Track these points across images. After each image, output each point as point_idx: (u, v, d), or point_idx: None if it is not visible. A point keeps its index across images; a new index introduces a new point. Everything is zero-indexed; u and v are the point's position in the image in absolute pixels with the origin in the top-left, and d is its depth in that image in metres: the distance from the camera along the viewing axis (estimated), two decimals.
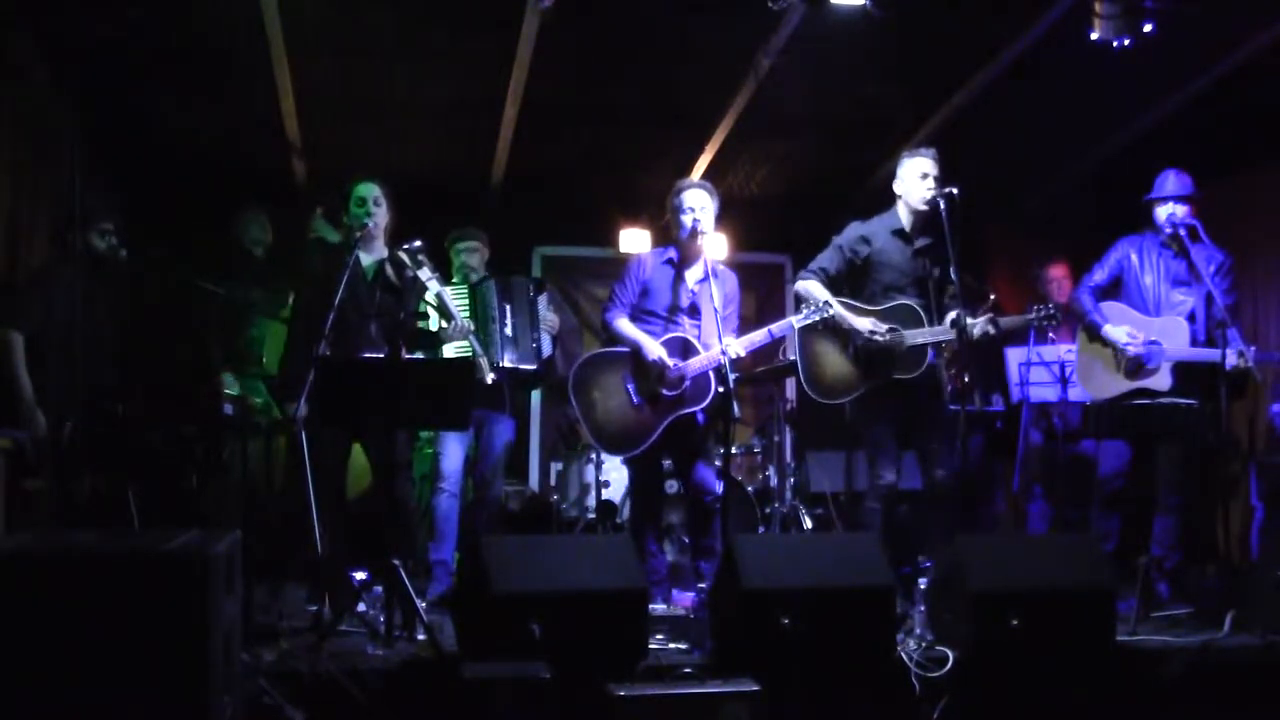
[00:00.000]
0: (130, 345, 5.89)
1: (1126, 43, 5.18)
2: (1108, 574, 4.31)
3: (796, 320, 4.98)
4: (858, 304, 5.04)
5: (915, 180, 5.00)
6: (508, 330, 5.43)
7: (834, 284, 5.07)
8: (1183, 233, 5.14)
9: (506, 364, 5.36)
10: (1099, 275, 5.37)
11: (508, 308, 5.49)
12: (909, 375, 4.93)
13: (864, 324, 4.95)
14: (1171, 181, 5.26)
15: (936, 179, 4.96)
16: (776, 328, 5.04)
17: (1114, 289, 5.38)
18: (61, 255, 4.79)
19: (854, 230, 5.13)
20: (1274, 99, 5.97)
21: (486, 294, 5.47)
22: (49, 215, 5.46)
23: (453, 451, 5.39)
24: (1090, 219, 6.91)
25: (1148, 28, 5.13)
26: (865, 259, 5.07)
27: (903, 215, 5.07)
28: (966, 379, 5.88)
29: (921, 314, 4.96)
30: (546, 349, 5.60)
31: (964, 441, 5.24)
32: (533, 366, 5.49)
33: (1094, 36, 5.15)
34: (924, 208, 4.95)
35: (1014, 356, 6.31)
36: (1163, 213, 5.23)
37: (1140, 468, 5.31)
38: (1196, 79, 5.99)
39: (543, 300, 5.63)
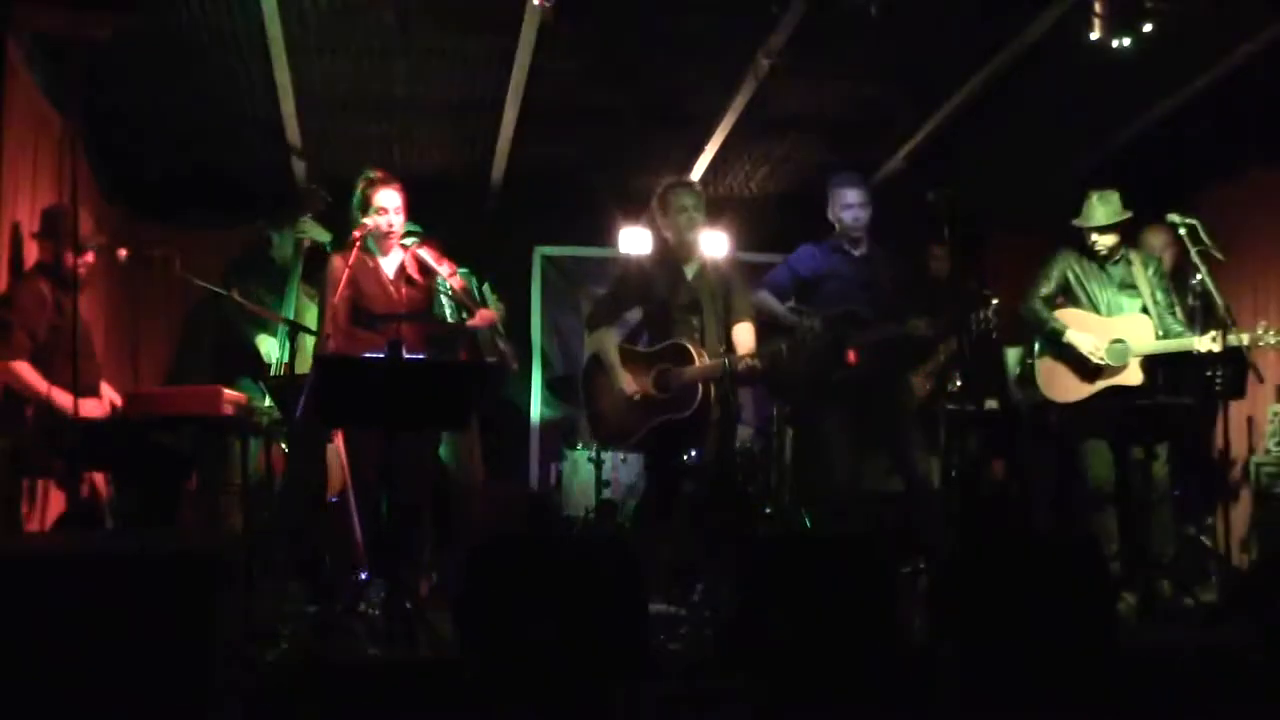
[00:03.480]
0: (132, 345, 5.91)
1: (1126, 43, 5.19)
2: (1108, 574, 4.31)
3: None
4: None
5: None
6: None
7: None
8: (1183, 232, 5.20)
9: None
10: (1045, 288, 5.47)
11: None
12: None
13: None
14: (1098, 212, 5.38)
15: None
16: None
17: (1062, 298, 5.50)
18: (46, 264, 4.79)
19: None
20: (1274, 99, 5.98)
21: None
22: (45, 217, 5.47)
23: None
24: None
25: (1148, 28, 5.14)
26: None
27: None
28: (958, 381, 5.94)
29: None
30: (500, 341, 5.68)
31: (963, 441, 5.29)
32: (493, 359, 5.57)
33: (1094, 36, 5.16)
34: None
35: (1013, 356, 6.31)
36: (1092, 239, 5.40)
37: (1131, 467, 5.33)
38: (1196, 79, 5.99)
39: (486, 290, 5.69)
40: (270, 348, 5.67)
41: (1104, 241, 5.38)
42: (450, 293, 5.07)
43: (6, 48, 4.86)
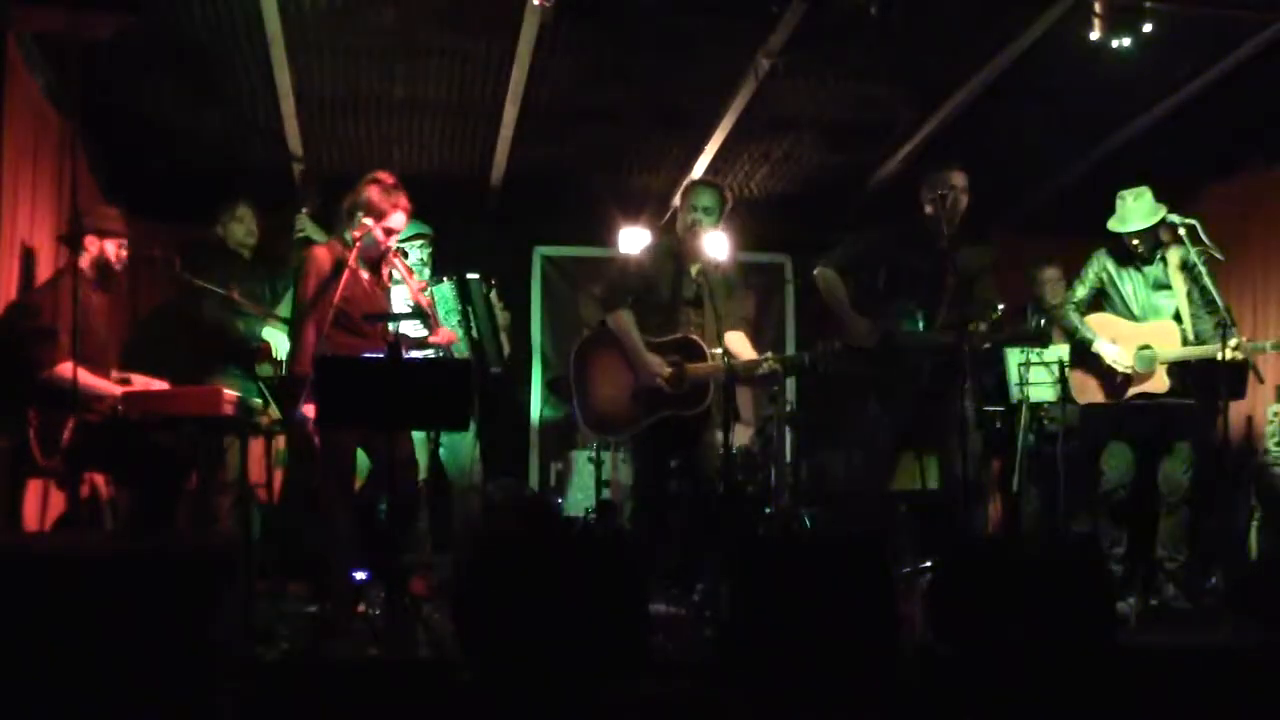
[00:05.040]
0: (133, 345, 5.91)
1: (1126, 43, 5.20)
2: (1107, 574, 4.32)
3: None
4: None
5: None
6: (474, 333, 5.45)
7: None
8: (1183, 232, 5.19)
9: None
10: (1080, 291, 5.48)
11: (470, 310, 5.49)
12: None
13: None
14: (1134, 214, 5.31)
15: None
16: None
17: (1097, 302, 5.49)
18: (74, 265, 4.81)
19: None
20: (1274, 99, 5.98)
21: (446, 296, 5.47)
22: (48, 217, 5.47)
23: (421, 460, 5.44)
24: (1090, 219, 6.91)
25: (1148, 28, 5.14)
26: None
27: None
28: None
29: None
30: (506, 348, 5.67)
31: (964, 441, 5.27)
32: (498, 369, 5.55)
33: (1094, 36, 5.17)
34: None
35: (1013, 357, 6.29)
36: (1133, 241, 5.33)
37: (1143, 472, 5.33)
38: (1195, 79, 5.99)
39: (493, 296, 5.68)
40: (280, 342, 5.66)
41: (1136, 243, 5.34)
42: (413, 306, 5.04)
43: (6, 48, 4.87)
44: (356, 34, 5.50)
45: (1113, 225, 5.37)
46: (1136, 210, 5.30)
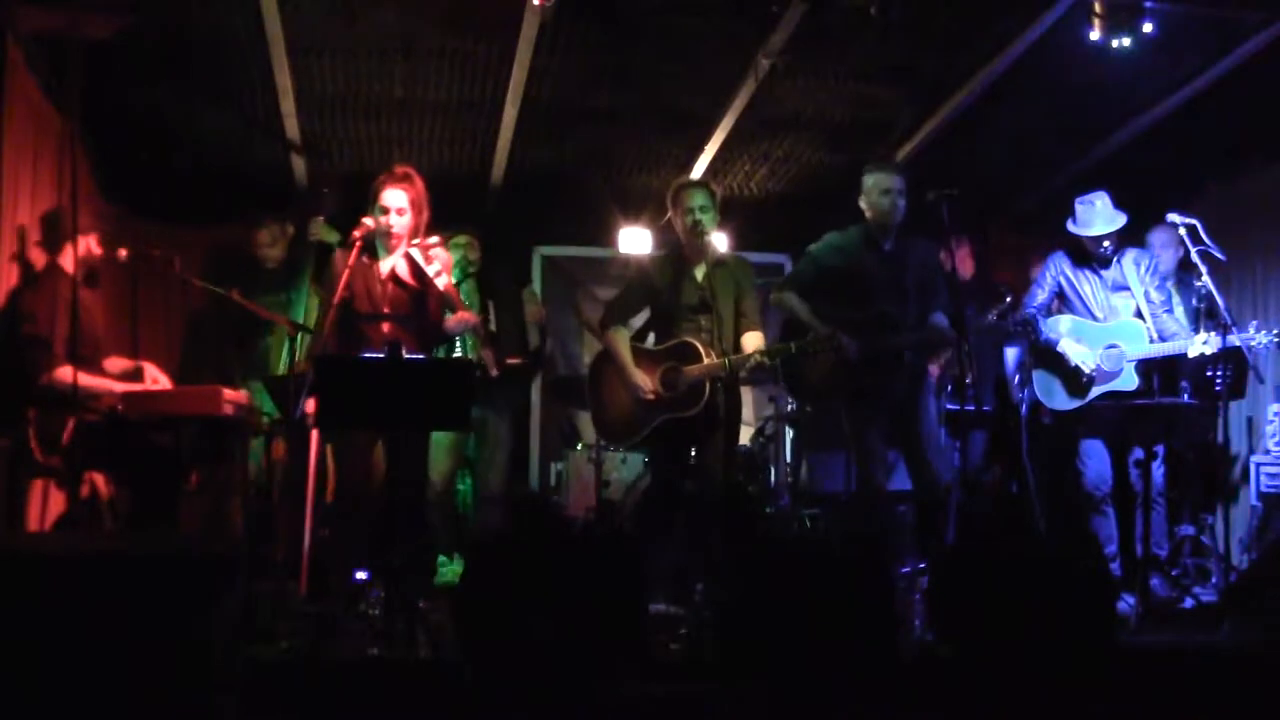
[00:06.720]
0: (132, 345, 5.92)
1: (1126, 43, 5.20)
2: (1108, 574, 4.32)
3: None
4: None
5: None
6: (492, 327, 5.51)
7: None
8: (1183, 232, 5.21)
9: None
10: (1041, 295, 5.55)
11: (490, 304, 5.54)
12: None
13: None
14: (1096, 220, 5.38)
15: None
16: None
17: (1057, 304, 5.56)
18: (56, 265, 4.82)
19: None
20: (1274, 99, 5.98)
21: (470, 292, 5.54)
22: (47, 217, 5.47)
23: (441, 461, 5.45)
24: None
25: (1148, 28, 5.15)
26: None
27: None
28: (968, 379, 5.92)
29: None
30: (533, 341, 5.71)
31: (964, 440, 5.28)
32: (517, 360, 5.60)
33: (1094, 36, 5.18)
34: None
35: (1013, 355, 6.30)
36: (1092, 247, 5.42)
37: (1128, 467, 5.34)
38: (1196, 79, 5.99)
39: (525, 293, 5.73)
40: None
41: (1105, 247, 5.41)
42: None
43: (6, 48, 4.87)
44: (356, 34, 5.50)
45: (1072, 229, 5.43)
46: (1096, 216, 5.37)
